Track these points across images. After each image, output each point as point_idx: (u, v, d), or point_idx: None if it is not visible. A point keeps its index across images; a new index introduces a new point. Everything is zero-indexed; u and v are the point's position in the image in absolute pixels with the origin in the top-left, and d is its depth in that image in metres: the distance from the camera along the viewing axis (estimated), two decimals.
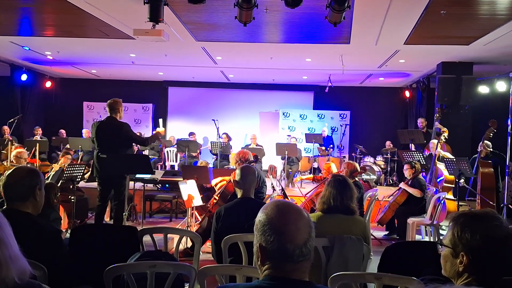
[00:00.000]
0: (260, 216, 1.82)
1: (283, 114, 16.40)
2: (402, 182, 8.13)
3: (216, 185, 7.29)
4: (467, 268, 1.85)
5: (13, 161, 8.11)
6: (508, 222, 1.92)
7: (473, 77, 11.15)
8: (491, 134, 8.69)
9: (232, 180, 6.71)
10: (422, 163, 9.02)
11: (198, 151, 13.78)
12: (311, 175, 9.10)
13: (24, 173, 3.02)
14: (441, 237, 6.52)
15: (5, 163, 8.24)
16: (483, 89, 10.82)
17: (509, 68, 11.35)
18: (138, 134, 14.64)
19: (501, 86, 10.10)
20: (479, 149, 9.29)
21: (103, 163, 7.03)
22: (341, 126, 15.59)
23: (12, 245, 1.75)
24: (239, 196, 4.33)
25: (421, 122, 12.27)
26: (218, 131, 13.39)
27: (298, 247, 1.73)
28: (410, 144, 11.65)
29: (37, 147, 8.89)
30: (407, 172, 8.19)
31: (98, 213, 7.25)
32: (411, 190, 7.94)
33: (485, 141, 9.05)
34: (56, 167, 8.60)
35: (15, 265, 1.71)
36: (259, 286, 1.77)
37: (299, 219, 1.78)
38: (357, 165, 7.38)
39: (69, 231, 6.83)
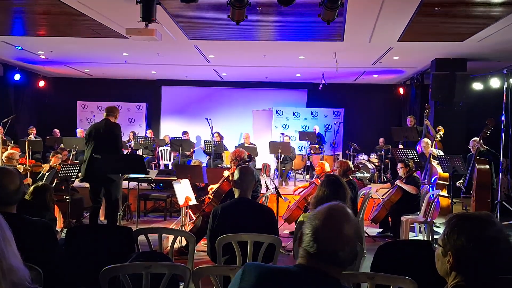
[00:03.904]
0: (315, 212, 1.95)
1: (277, 112, 16.39)
2: (398, 180, 8.12)
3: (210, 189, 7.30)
4: (453, 267, 1.88)
5: (4, 161, 8.08)
6: (501, 222, 1.92)
7: (467, 73, 11.17)
8: (488, 132, 8.71)
9: (229, 179, 6.77)
10: (416, 160, 9.04)
11: (191, 150, 13.78)
12: (307, 182, 9.08)
13: (7, 180, 2.94)
14: (434, 235, 6.55)
15: None
16: (477, 86, 10.86)
17: (503, 64, 11.40)
18: (131, 133, 14.81)
19: (495, 82, 10.15)
20: (470, 145, 9.31)
21: (98, 164, 7.03)
22: (334, 124, 15.60)
23: (7, 257, 1.70)
24: (236, 195, 4.32)
25: (410, 120, 12.30)
26: (212, 130, 13.38)
27: (321, 252, 1.86)
28: (399, 144, 11.67)
29: (28, 148, 8.84)
30: (401, 171, 8.20)
31: (92, 214, 7.26)
32: (406, 187, 7.95)
33: (475, 138, 9.09)
34: (46, 166, 8.57)
35: (7, 279, 1.66)
36: (288, 270, 1.89)
37: (340, 231, 1.88)
38: (350, 163, 7.39)
39: (64, 231, 6.84)
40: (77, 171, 7.83)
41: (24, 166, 8.22)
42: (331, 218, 1.89)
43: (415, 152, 9.72)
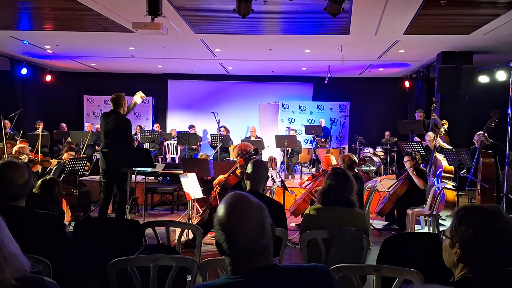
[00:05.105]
0: (217, 212, 1.87)
1: (283, 105, 16.38)
2: (411, 168, 8.06)
3: (216, 184, 7.32)
4: (460, 259, 1.90)
5: (14, 155, 8.12)
6: (508, 215, 1.93)
7: (473, 66, 11.13)
8: (493, 124, 8.69)
9: (236, 172, 6.79)
10: (422, 153, 9.03)
11: (198, 144, 13.80)
12: (310, 175, 9.11)
13: (16, 174, 2.93)
14: (440, 228, 6.56)
15: (4, 156, 8.25)
16: (483, 79, 10.79)
17: (509, 57, 11.34)
18: (138, 127, 14.85)
19: (501, 75, 10.09)
20: (475, 139, 9.29)
21: (105, 158, 7.08)
22: (340, 117, 15.58)
23: (6, 245, 1.72)
24: (247, 188, 4.33)
25: (419, 115, 12.26)
26: (218, 124, 13.40)
27: (247, 246, 1.79)
28: (414, 137, 11.64)
29: (40, 141, 8.86)
30: (408, 164, 8.17)
31: (102, 207, 7.30)
32: (416, 180, 7.93)
33: (480, 132, 9.07)
34: (55, 162, 8.61)
35: (10, 265, 1.69)
36: (226, 284, 1.81)
37: (247, 219, 1.81)
38: (353, 157, 7.36)
39: (72, 224, 6.90)
40: (84, 165, 7.87)
41: (35, 160, 8.25)
42: (234, 214, 1.82)
43: (420, 145, 9.71)
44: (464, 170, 8.79)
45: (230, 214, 1.82)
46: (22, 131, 12.34)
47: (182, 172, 8.11)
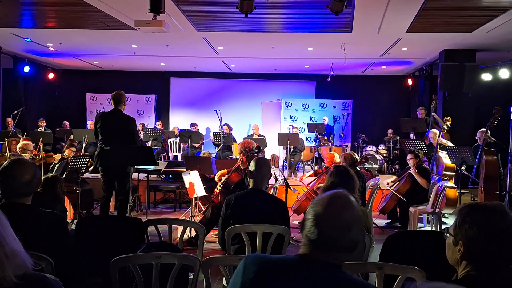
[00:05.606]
0: (321, 194, 1.97)
1: (285, 103, 16.35)
2: (413, 167, 8.07)
3: (219, 178, 7.31)
4: (464, 256, 1.90)
5: (18, 152, 8.13)
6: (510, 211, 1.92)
7: (476, 64, 11.08)
8: (495, 122, 8.67)
9: (238, 169, 6.79)
10: (424, 151, 9.02)
11: (200, 142, 13.80)
12: (312, 171, 9.09)
13: (20, 172, 2.94)
14: (443, 226, 6.55)
15: (6, 154, 8.27)
16: (486, 77, 10.77)
17: None
18: (141, 125, 14.85)
19: (504, 73, 10.09)
20: (478, 136, 9.27)
21: (108, 155, 7.07)
22: (343, 115, 15.56)
23: (8, 242, 1.72)
24: (250, 186, 4.33)
25: (421, 113, 12.25)
26: (221, 122, 13.39)
27: (324, 237, 1.84)
28: (411, 134, 11.63)
29: (41, 140, 8.88)
30: (411, 162, 8.16)
31: (103, 204, 7.30)
32: (419, 179, 7.93)
33: (483, 129, 9.05)
34: (58, 156, 8.62)
35: (12, 262, 1.69)
36: (288, 260, 1.90)
37: (339, 215, 1.87)
38: (355, 155, 7.34)
39: (74, 222, 6.90)
40: (87, 163, 7.87)
41: (37, 157, 8.25)
42: (332, 204, 1.88)
43: (423, 143, 9.69)
44: (464, 167, 8.78)
45: (329, 202, 1.89)
46: (25, 129, 12.40)
47: (185, 170, 8.12)
